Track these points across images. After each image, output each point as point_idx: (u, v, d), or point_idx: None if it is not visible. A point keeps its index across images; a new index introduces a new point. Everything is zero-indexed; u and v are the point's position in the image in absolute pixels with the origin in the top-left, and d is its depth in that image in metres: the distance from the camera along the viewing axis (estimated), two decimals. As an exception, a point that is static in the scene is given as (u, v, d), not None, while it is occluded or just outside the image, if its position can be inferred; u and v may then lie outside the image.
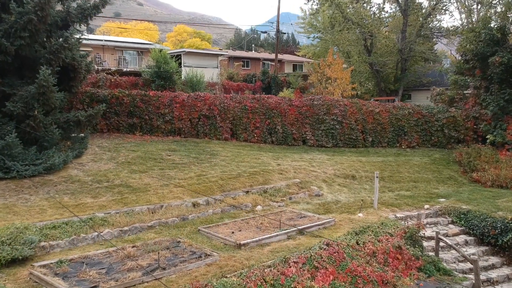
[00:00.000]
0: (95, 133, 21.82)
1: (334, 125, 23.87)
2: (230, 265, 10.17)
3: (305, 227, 12.87)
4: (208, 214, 14.12)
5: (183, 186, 15.66)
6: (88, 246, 11.29)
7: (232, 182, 16.61)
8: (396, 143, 24.64)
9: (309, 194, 17.05)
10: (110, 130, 22.67)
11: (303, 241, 12.05)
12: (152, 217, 13.09)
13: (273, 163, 19.50)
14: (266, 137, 23.70)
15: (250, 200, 15.43)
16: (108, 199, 13.80)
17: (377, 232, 12.58)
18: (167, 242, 11.42)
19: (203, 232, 12.43)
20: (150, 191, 14.84)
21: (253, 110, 23.68)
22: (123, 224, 12.31)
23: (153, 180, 15.90)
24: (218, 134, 23.32)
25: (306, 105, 24.05)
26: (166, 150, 20.08)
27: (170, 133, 23.20)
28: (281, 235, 12.19)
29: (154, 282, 9.21)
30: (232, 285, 9.02)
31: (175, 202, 14.25)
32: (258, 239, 11.68)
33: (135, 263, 9.92)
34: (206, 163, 18.59)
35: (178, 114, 23.11)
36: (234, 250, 11.18)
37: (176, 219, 13.30)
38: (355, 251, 11.41)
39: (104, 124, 22.43)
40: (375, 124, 24.39)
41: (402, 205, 15.97)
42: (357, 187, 18.40)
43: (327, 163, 20.44)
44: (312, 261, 10.46)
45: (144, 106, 22.94)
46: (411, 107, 24.93)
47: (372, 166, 20.42)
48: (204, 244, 11.53)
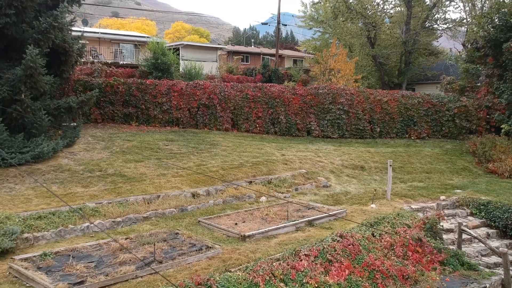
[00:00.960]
0: (88, 123, 20.83)
1: (340, 115, 22.88)
2: (234, 258, 9.18)
3: (314, 218, 11.89)
4: (209, 205, 13.13)
5: (181, 176, 14.67)
6: (77, 238, 10.29)
7: (234, 172, 15.62)
8: (405, 134, 23.66)
9: (316, 185, 16.08)
10: (104, 120, 21.66)
11: (313, 233, 11.07)
12: (147, 207, 12.11)
13: (277, 153, 18.52)
14: (269, 128, 22.71)
15: (253, 190, 14.44)
16: (100, 188, 12.81)
17: (393, 223, 11.62)
18: (164, 234, 10.43)
19: (203, 223, 11.45)
20: (145, 181, 13.84)
21: (255, 99, 22.68)
22: (116, 215, 11.32)
23: (149, 170, 14.91)
24: (218, 124, 22.32)
25: (310, 94, 23.06)
26: (163, 140, 19.10)
27: (168, 124, 22.20)
28: (289, 227, 11.21)
29: (149, 276, 8.22)
30: (237, 280, 8.05)
31: (173, 192, 13.26)
32: (264, 231, 10.70)
33: (128, 256, 8.93)
34: (206, 153, 17.60)
35: (176, 103, 22.12)
36: (238, 242, 10.20)
37: (174, 210, 12.31)
38: (371, 244, 10.44)
39: (98, 114, 21.44)
40: (383, 114, 23.41)
41: (417, 196, 15.00)
42: (366, 178, 17.42)
43: (334, 153, 19.47)
44: (325, 254, 9.49)
45: (140, 95, 21.93)
46: (421, 96, 23.95)
47: (382, 157, 19.45)
48: (205, 236, 10.55)
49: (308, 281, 8.55)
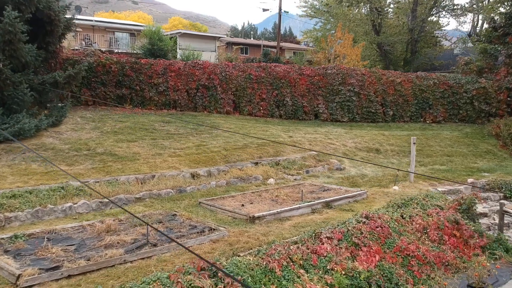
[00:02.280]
0: (78, 106, 19.34)
1: (350, 97, 21.45)
2: (243, 241, 7.77)
3: (332, 200, 10.49)
4: (211, 187, 11.71)
5: (179, 156, 13.24)
6: (57, 220, 8.86)
7: (238, 153, 14.20)
8: (420, 118, 22.28)
9: (328, 168, 14.67)
10: (95, 102, 20.13)
11: (331, 215, 9.66)
12: (141, 188, 10.68)
13: (283, 135, 17.10)
14: (274, 110, 21.28)
15: (260, 172, 13.03)
16: (86, 167, 11.37)
17: (423, 204, 10.22)
18: (159, 216, 9.02)
19: (205, 205, 10.03)
20: (139, 160, 12.41)
21: (259, 80, 21.23)
22: (104, 195, 9.87)
23: (143, 149, 13.47)
24: (219, 107, 20.87)
25: (318, 75, 21.62)
26: (159, 122, 17.66)
27: (164, 106, 20.73)
28: (304, 208, 9.79)
29: (140, 262, 6.80)
30: (248, 265, 6.64)
31: (170, 172, 11.83)
32: (276, 212, 9.29)
33: (116, 238, 7.50)
34: (206, 134, 16.18)
35: (174, 84, 20.64)
36: (247, 224, 8.79)
37: (171, 191, 10.88)
38: (401, 226, 9.04)
39: (88, 95, 19.89)
40: (397, 96, 22.01)
41: (442, 179, 13.58)
42: (383, 161, 16.02)
43: (345, 136, 18.06)
44: (350, 237, 8.10)
45: (135, 75, 20.42)
46: (437, 77, 22.56)
47: (398, 140, 18.06)
48: (207, 218, 9.13)
49: (333, 267, 7.16)
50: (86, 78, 19.48)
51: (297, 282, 6.63)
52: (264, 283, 6.43)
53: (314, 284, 6.66)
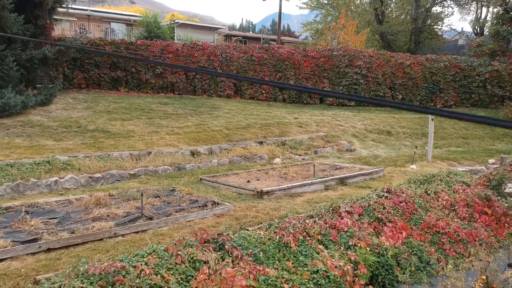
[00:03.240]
0: (70, 89, 18.39)
1: (357, 80, 20.52)
2: (251, 216, 6.86)
3: (347, 176, 9.57)
4: (212, 165, 10.79)
5: (178, 134, 12.31)
6: (40, 196, 7.92)
7: (241, 132, 13.27)
8: (430, 102, 21.38)
9: (338, 149, 13.76)
10: (89, 85, 19.18)
11: (347, 192, 8.75)
12: (135, 164, 9.75)
13: (288, 117, 16.18)
14: (277, 94, 20.34)
15: (265, 151, 12.11)
16: (76, 142, 10.43)
17: (448, 181, 9.32)
18: (156, 191, 8.08)
19: (206, 181, 9.10)
20: (134, 137, 11.48)
21: (261, 62, 20.29)
22: (95, 169, 8.95)
23: (138, 127, 12.54)
24: (219, 90, 19.94)
25: (324, 56, 20.68)
26: (156, 103, 16.73)
27: (162, 89, 19.79)
28: (317, 184, 8.87)
29: (133, 236, 5.88)
30: (259, 239, 5.72)
31: (168, 149, 10.91)
32: (286, 187, 8.37)
33: (106, 211, 6.57)
34: (206, 115, 15.25)
35: (171, 66, 19.66)
36: (254, 199, 7.88)
37: (169, 168, 9.96)
38: (426, 203, 8.12)
39: (81, 78, 18.93)
40: (406, 79, 21.10)
41: (460, 159, 12.74)
42: (395, 143, 15.12)
43: (354, 118, 17.15)
44: (372, 212, 7.18)
45: (130, 57, 19.39)
46: (448, 60, 21.64)
47: (409, 122, 17.17)
48: (209, 194, 8.20)
49: (356, 243, 6.24)
50: (79, 59, 18.59)
51: (316, 258, 5.72)
52: (278, 258, 5.51)
53: (336, 261, 5.74)
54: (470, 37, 40.53)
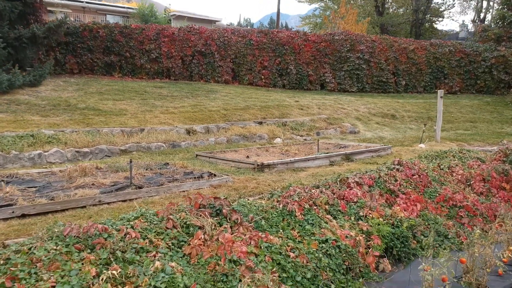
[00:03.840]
0: (62, 74, 17.72)
1: (359, 65, 19.91)
2: (251, 187, 6.28)
3: (353, 153, 8.99)
4: (209, 143, 10.21)
5: (172, 113, 11.72)
6: (22, 169, 7.30)
7: (239, 113, 12.69)
8: (434, 88, 20.79)
9: (341, 131, 13.19)
10: (82, 70, 18.50)
11: (354, 167, 8.17)
12: (127, 140, 9.15)
13: (289, 100, 15.61)
14: (276, 80, 19.73)
15: (265, 131, 11.53)
16: (64, 118, 9.84)
17: (461, 157, 8.75)
18: (148, 165, 7.49)
19: (203, 157, 8.52)
20: (126, 115, 10.90)
21: (260, 46, 19.67)
22: (82, 144, 8.35)
23: (131, 107, 11.95)
24: (217, 75, 19.31)
25: (325, 41, 20.07)
26: (151, 87, 16.12)
27: (157, 75, 19.14)
28: (321, 159, 8.30)
29: (120, 204, 5.30)
30: (261, 207, 5.15)
31: (162, 127, 10.30)
32: (289, 161, 7.79)
33: (91, 180, 5.98)
34: (203, 97, 14.66)
35: (167, 51, 19.05)
36: (254, 173, 7.29)
37: (162, 145, 9.36)
38: (440, 177, 7.55)
39: (74, 62, 18.23)
40: (409, 65, 20.50)
41: (470, 140, 12.18)
42: (400, 126, 14.55)
43: (356, 102, 16.58)
44: (384, 184, 6.60)
45: (124, 41, 18.78)
46: (452, 45, 21.07)
47: (414, 106, 16.62)
48: (205, 168, 7.61)
49: (368, 214, 5.67)
50: (72, 43, 17.93)
51: (324, 227, 5.14)
52: (282, 227, 4.93)
53: (346, 230, 5.17)
54: (474, 24, 39.91)
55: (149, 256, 3.83)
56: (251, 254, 4.19)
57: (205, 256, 4.00)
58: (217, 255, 4.04)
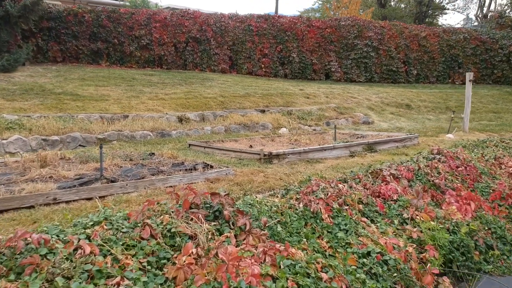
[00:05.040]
0: (44, 63, 16.31)
1: (367, 53, 18.59)
2: (258, 181, 4.93)
3: (376, 142, 7.65)
4: (204, 132, 8.85)
5: (162, 99, 10.34)
6: (-28, 160, 5.91)
7: (239, 101, 11.34)
8: (447, 78, 19.52)
9: (353, 121, 11.87)
10: (66, 58, 17.07)
11: (379, 158, 6.83)
12: (106, 127, 7.77)
13: (292, 88, 14.29)
14: (277, 69, 18.40)
15: (269, 119, 10.18)
16: (34, 103, 8.44)
17: (505, 147, 7.41)
18: (128, 155, 6.11)
19: (197, 147, 7.15)
20: (108, 101, 9.52)
21: (260, 32, 18.33)
22: (51, 131, 6.96)
23: (115, 93, 10.57)
24: (213, 64, 17.95)
25: (330, 27, 18.74)
26: (141, 74, 14.75)
27: (148, 63, 17.75)
28: (340, 149, 6.95)
29: (84, 203, 3.94)
30: (274, 207, 3.80)
31: (149, 114, 8.93)
32: (302, 150, 6.43)
33: (51, 172, 4.60)
34: (198, 84, 13.32)
35: (159, 37, 17.65)
36: (260, 164, 5.93)
37: (149, 134, 7.99)
38: (489, 169, 6.21)
39: (57, 50, 16.80)
40: (421, 53, 19.20)
41: (499, 131, 10.90)
42: (417, 117, 13.26)
43: (367, 91, 15.28)
44: (425, 177, 5.26)
45: (112, 26, 17.36)
46: (467, 31, 19.79)
47: (430, 96, 15.35)
48: (200, 159, 6.24)
49: (415, 216, 4.33)
50: (55, 29, 16.53)
51: (362, 235, 3.80)
52: (305, 235, 3.59)
53: (392, 238, 3.83)
54: (477, 19, 38.77)
55: (110, 285, 2.47)
56: (267, 278, 2.83)
57: (198, 283, 2.65)
58: (216, 281, 2.68)
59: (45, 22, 15.99)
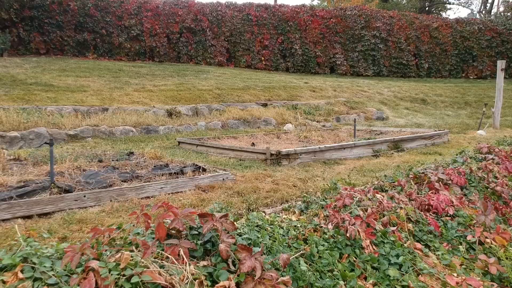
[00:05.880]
0: (27, 55, 15.10)
1: (376, 45, 17.44)
2: (266, 189, 3.74)
3: (403, 139, 6.46)
4: (198, 128, 7.65)
5: (150, 91, 9.14)
6: None
7: (238, 93, 10.16)
8: (461, 72, 18.41)
9: (365, 117, 10.71)
10: (50, 50, 15.85)
11: (409, 159, 5.66)
12: (80, 121, 6.55)
13: (296, 81, 13.12)
14: (279, 62, 17.23)
15: (272, 114, 8.99)
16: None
17: (557, 144, 6.23)
18: (100, 154, 4.89)
19: (187, 145, 5.96)
20: (87, 92, 8.31)
21: (260, 22, 17.16)
22: (10, 126, 5.76)
23: (96, 84, 9.36)
24: (209, 56, 16.77)
25: (335, 16, 17.59)
26: (129, 66, 13.55)
27: (138, 56, 16.56)
28: (361, 147, 5.77)
29: (20, 224, 2.69)
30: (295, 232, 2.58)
31: (134, 107, 7.71)
32: (318, 148, 5.23)
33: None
34: (192, 77, 12.14)
35: (150, 27, 16.45)
36: (267, 167, 4.74)
37: (132, 130, 6.79)
38: (550, 171, 5.01)
39: (40, 41, 15.57)
40: (433, 45, 18.07)
41: (532, 127, 9.72)
42: (434, 112, 12.10)
43: (377, 85, 14.13)
44: (480, 184, 4.07)
45: (100, 16, 16.15)
46: (482, 22, 18.69)
47: (446, 90, 14.22)
48: (190, 160, 5.05)
49: (484, 238, 3.14)
50: (37, 19, 15.37)
51: (422, 271, 2.61)
52: (342, 273, 2.40)
53: (470, 278, 2.63)
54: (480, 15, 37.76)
55: None
56: None
57: None
58: None
59: (27, 11, 14.84)
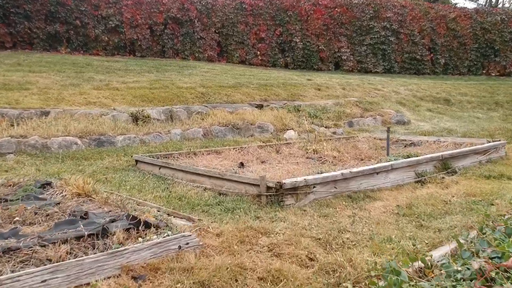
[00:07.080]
0: (-11, 49, 13.25)
1: (386, 37, 15.71)
2: (258, 273, 1.91)
3: (451, 156, 4.65)
4: (171, 138, 5.85)
5: (115, 89, 7.30)
6: None
7: (227, 92, 8.36)
8: (481, 69, 16.75)
9: (382, 120, 8.95)
10: (17, 44, 13.96)
11: (470, 188, 3.81)
12: (0, 131, 4.68)
13: (298, 78, 11.39)
14: (277, 56, 15.49)
15: (269, 118, 7.18)
16: None
17: None
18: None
19: (146, 166, 4.10)
20: (29, 90, 6.50)
21: (255, 12, 15.42)
22: None
23: (48, 80, 7.53)
24: (198, 50, 14.99)
25: (340, 6, 15.86)
26: (103, 61, 11.74)
27: (117, 50, 14.71)
28: (400, 170, 3.92)
29: None
30: None
31: (86, 109, 5.86)
32: (340, 175, 3.37)
33: None
34: (174, 72, 10.37)
35: (131, 17, 14.63)
36: (259, 209, 2.89)
37: (76, 142, 4.98)
38: None
39: (6, 33, 13.66)
40: (450, 38, 16.38)
41: None
42: (462, 115, 10.38)
43: (392, 83, 12.40)
44: None
45: (74, 4, 14.29)
46: (505, 12, 17.00)
47: (471, 88, 12.57)
48: (144, 194, 3.19)
49: None
50: (2, 8, 13.55)
51: None
52: None
53: None
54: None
55: None
56: None
57: None
58: None
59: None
